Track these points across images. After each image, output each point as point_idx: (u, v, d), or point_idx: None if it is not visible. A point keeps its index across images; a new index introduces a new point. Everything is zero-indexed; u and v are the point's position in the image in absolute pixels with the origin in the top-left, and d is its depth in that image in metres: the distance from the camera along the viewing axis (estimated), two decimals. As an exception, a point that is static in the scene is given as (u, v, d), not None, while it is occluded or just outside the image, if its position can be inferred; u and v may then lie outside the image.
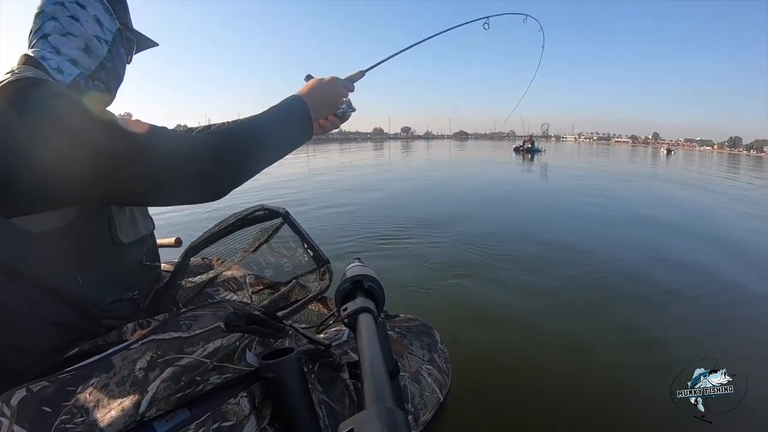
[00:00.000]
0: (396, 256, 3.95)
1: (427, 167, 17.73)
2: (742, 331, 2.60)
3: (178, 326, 0.79)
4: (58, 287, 0.80)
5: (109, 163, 0.74)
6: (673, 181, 13.98)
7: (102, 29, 0.93)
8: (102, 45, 0.93)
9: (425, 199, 8.04)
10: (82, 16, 0.90)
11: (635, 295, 3.10)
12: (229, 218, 1.28)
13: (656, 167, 22.10)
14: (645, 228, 5.75)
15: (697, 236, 5.30)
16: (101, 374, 0.68)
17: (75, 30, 0.89)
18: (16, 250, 0.74)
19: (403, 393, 1.16)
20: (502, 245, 4.39)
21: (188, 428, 0.70)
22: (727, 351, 2.31)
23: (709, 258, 4.15)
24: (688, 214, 7.30)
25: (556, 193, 9.62)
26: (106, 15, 0.94)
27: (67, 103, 0.75)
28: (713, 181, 14.18)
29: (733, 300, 3.07)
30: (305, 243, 1.40)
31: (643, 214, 6.81)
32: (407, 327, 1.42)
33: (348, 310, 0.65)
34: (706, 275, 3.61)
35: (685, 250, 4.51)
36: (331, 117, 1.08)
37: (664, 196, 9.80)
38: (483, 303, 2.91)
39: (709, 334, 2.52)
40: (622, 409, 1.76)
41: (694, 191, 11.00)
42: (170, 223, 5.23)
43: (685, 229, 5.81)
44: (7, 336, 0.77)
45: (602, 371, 2.05)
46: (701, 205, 8.67)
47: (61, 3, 0.88)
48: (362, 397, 0.40)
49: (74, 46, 0.89)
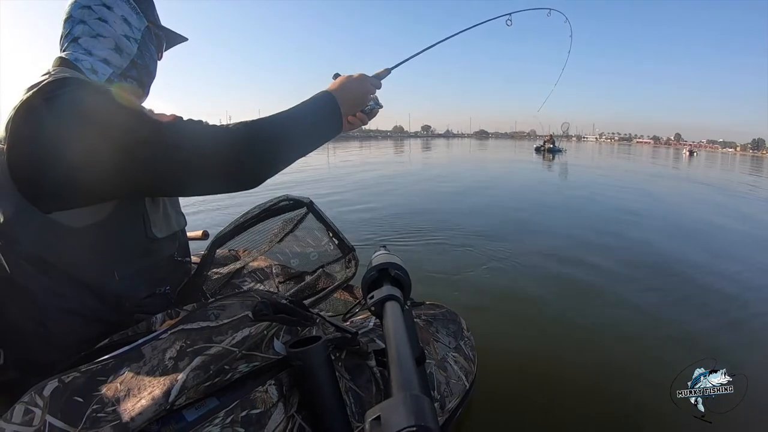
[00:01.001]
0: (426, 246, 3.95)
1: (457, 163, 17.54)
2: (742, 331, 2.54)
3: (207, 316, 0.80)
4: (93, 282, 0.82)
5: (143, 152, 0.75)
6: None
7: (130, 28, 0.95)
8: (132, 43, 0.95)
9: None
10: (110, 17, 0.92)
11: (635, 295, 3.06)
12: (254, 209, 1.28)
13: (681, 169, 21.06)
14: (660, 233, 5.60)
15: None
16: (132, 364, 0.69)
17: (104, 31, 0.91)
18: (53, 244, 0.76)
19: (430, 380, 1.16)
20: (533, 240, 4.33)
21: (217, 416, 0.71)
22: (727, 351, 2.26)
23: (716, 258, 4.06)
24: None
25: (579, 195, 9.21)
26: (134, 14, 0.96)
27: (101, 99, 0.77)
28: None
29: (734, 300, 3.00)
30: (330, 232, 1.40)
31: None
32: (433, 314, 1.41)
33: (374, 298, 0.65)
34: (707, 275, 3.53)
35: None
36: (359, 114, 1.08)
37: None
38: (511, 293, 2.89)
39: (709, 334, 2.47)
40: (622, 409, 1.74)
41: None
42: (195, 216, 5.29)
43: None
44: (40, 329, 0.79)
45: (602, 371, 2.02)
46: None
47: (89, 6, 0.90)
48: (389, 384, 0.40)
49: (105, 47, 0.91)
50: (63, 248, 0.77)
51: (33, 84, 0.78)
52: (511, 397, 1.73)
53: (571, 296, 2.93)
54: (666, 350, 2.23)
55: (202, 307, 0.83)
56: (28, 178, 0.74)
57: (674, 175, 16.62)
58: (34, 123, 0.73)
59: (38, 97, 0.74)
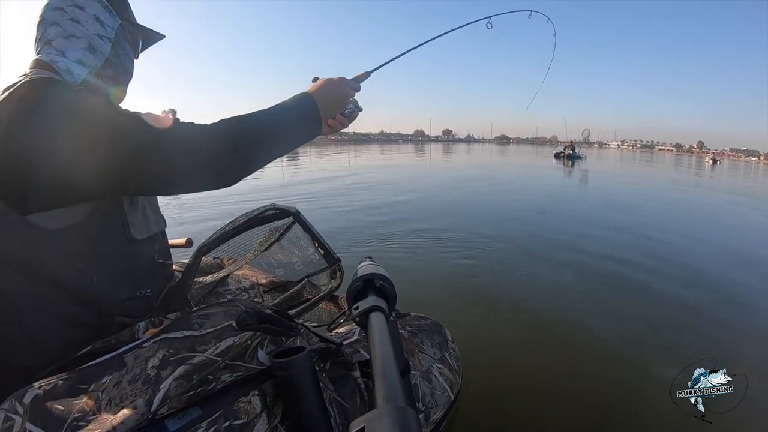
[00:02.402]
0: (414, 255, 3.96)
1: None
2: (742, 331, 2.59)
3: (190, 325, 0.79)
4: (72, 284, 0.80)
5: (141, 156, 0.76)
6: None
7: (103, 27, 0.94)
8: (105, 42, 0.94)
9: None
10: (82, 17, 0.91)
11: (635, 294, 3.12)
12: (240, 218, 1.28)
13: (703, 178, 21.24)
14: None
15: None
16: (114, 372, 0.68)
17: (77, 32, 0.90)
18: (31, 246, 0.75)
19: (414, 392, 1.16)
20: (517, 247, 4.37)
21: (200, 426, 0.70)
22: (727, 351, 2.30)
23: (709, 258, 4.17)
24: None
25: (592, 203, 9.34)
26: (106, 13, 0.95)
27: (79, 99, 0.78)
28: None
29: (733, 301, 3.06)
30: (316, 242, 1.40)
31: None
32: (418, 325, 1.41)
33: (359, 308, 0.65)
34: (706, 276, 3.61)
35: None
36: (339, 117, 1.08)
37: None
38: (495, 302, 2.90)
39: (709, 334, 2.51)
40: (622, 409, 1.76)
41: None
42: (179, 223, 5.25)
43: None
44: (19, 332, 0.77)
45: (602, 371, 2.04)
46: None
47: (60, 8, 0.90)
48: (373, 395, 0.40)
49: (78, 47, 0.91)
50: (40, 250, 0.76)
51: (10, 85, 0.78)
52: (499, 409, 1.73)
53: (566, 298, 2.96)
54: (666, 350, 2.25)
55: (186, 315, 0.82)
56: (11, 178, 0.73)
57: (696, 182, 17.02)
58: (24, 123, 0.72)
59: (31, 97, 0.75)
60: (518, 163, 24.06)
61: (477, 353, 2.01)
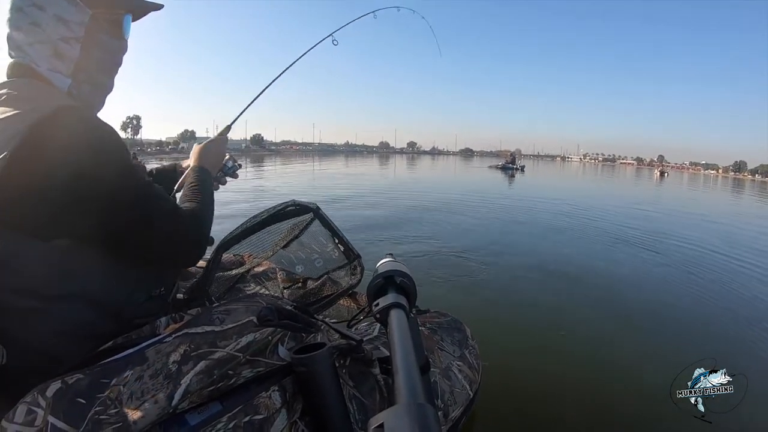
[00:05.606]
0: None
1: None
2: (742, 331, 2.55)
3: (212, 320, 0.80)
4: (93, 291, 0.79)
5: (149, 230, 0.82)
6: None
7: (68, 27, 0.83)
8: (72, 45, 0.84)
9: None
10: (43, 19, 0.80)
11: (634, 295, 3.11)
12: (261, 214, 1.28)
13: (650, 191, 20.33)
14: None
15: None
16: (135, 367, 0.69)
17: (40, 37, 0.81)
18: (55, 264, 0.74)
19: (434, 389, 1.15)
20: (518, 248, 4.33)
21: (220, 421, 0.70)
22: (727, 351, 2.27)
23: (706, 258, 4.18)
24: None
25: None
26: (71, 7, 0.83)
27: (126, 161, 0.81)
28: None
29: (733, 301, 3.04)
30: (336, 238, 1.39)
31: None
32: (438, 323, 1.40)
33: (379, 305, 0.64)
34: (707, 275, 3.59)
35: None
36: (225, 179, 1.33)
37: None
38: (515, 302, 2.91)
39: (709, 334, 2.49)
40: (622, 409, 1.74)
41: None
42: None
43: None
44: (41, 329, 0.75)
45: (602, 371, 2.03)
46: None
47: (20, 9, 0.80)
48: (393, 392, 0.40)
49: (44, 55, 0.82)
50: (63, 265, 0.74)
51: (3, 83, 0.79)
52: (515, 407, 1.73)
53: (573, 302, 2.96)
54: (666, 350, 2.24)
55: (207, 311, 0.83)
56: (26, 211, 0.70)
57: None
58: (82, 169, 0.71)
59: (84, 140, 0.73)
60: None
61: (497, 351, 2.00)
